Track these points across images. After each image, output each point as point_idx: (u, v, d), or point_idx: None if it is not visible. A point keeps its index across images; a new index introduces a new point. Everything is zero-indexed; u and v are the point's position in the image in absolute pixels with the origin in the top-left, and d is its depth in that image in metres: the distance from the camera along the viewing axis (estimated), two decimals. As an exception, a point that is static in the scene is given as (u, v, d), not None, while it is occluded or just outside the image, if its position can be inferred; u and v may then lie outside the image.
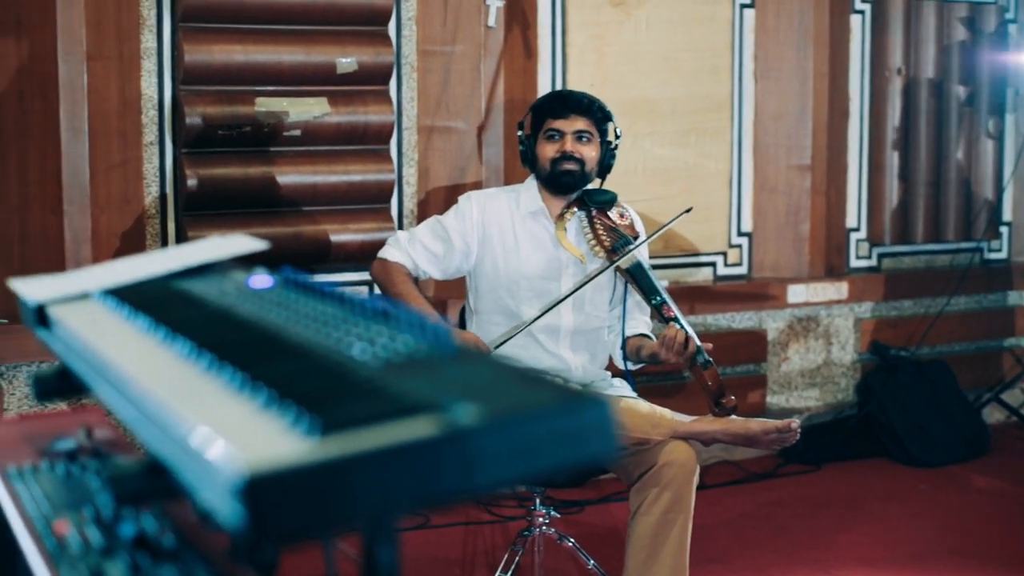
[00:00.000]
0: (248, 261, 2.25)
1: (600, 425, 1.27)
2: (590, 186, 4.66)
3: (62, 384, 1.97)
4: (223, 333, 1.67)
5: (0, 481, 1.94)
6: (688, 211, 4.62)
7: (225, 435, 1.22)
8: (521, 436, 1.23)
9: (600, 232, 4.51)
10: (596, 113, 4.58)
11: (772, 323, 6.76)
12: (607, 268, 4.44)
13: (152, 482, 1.42)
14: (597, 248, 4.49)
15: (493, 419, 1.22)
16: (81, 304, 2.03)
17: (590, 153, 4.55)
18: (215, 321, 1.78)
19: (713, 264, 6.62)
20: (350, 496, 1.16)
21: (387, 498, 1.18)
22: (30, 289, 2.11)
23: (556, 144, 4.52)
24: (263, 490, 1.13)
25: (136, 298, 1.96)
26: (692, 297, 6.44)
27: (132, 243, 5.23)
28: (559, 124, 4.53)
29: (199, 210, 5.28)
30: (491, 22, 5.89)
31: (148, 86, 5.26)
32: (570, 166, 4.51)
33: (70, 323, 1.88)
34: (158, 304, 1.90)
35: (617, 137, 4.68)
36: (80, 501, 1.80)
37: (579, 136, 4.52)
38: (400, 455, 1.18)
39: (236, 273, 2.14)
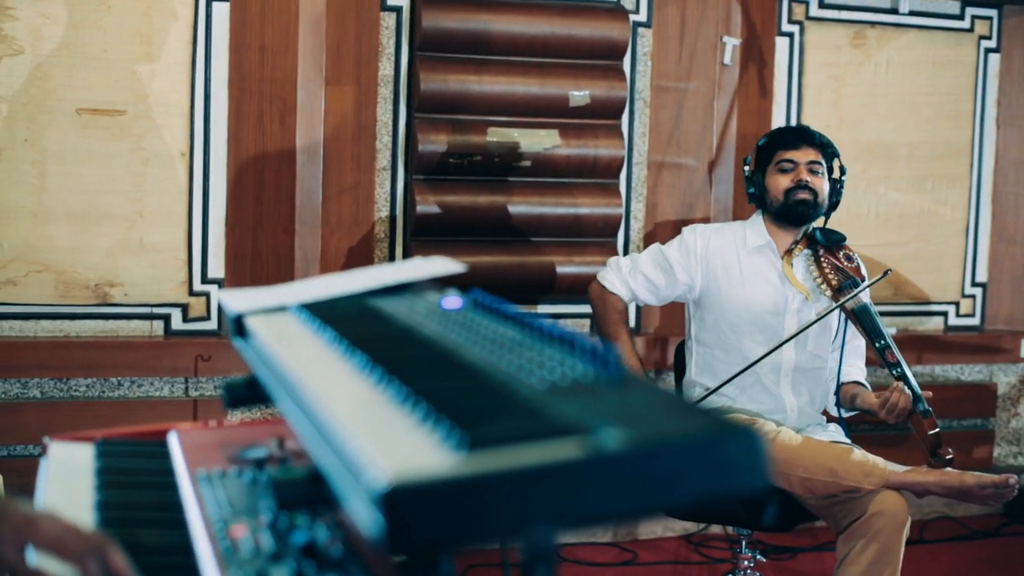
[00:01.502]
0: (452, 284, 2.28)
1: (749, 458, 1.26)
2: (817, 224, 4.61)
3: (251, 393, 2.02)
4: (400, 349, 1.70)
5: (189, 483, 2.00)
6: (887, 273, 4.52)
7: (375, 446, 1.24)
8: (666, 464, 1.22)
9: (827, 271, 4.45)
10: (826, 147, 4.55)
11: (1003, 377, 6.57)
12: (835, 308, 4.37)
13: (312, 490, 1.45)
14: (824, 286, 4.44)
15: (638, 445, 1.21)
16: (277, 316, 2.09)
17: (822, 185, 4.50)
18: (396, 338, 1.81)
19: (944, 313, 6.46)
20: (489, 512, 1.17)
21: (527, 517, 1.18)
22: (233, 300, 2.17)
23: (790, 175, 4.49)
24: (403, 500, 1.14)
25: (328, 313, 2.00)
26: (921, 346, 6.30)
27: (359, 265, 5.32)
28: (792, 155, 4.50)
29: (427, 235, 5.36)
30: (727, 60, 5.87)
31: (383, 112, 5.37)
32: (805, 195, 4.47)
33: (262, 333, 1.93)
34: (346, 319, 1.94)
35: (843, 173, 4.62)
36: (260, 507, 1.84)
37: (811, 167, 4.48)
38: (542, 475, 1.18)
39: (431, 294, 2.17)
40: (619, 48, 5.60)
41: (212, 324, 5.26)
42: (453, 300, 2.04)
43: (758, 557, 4.49)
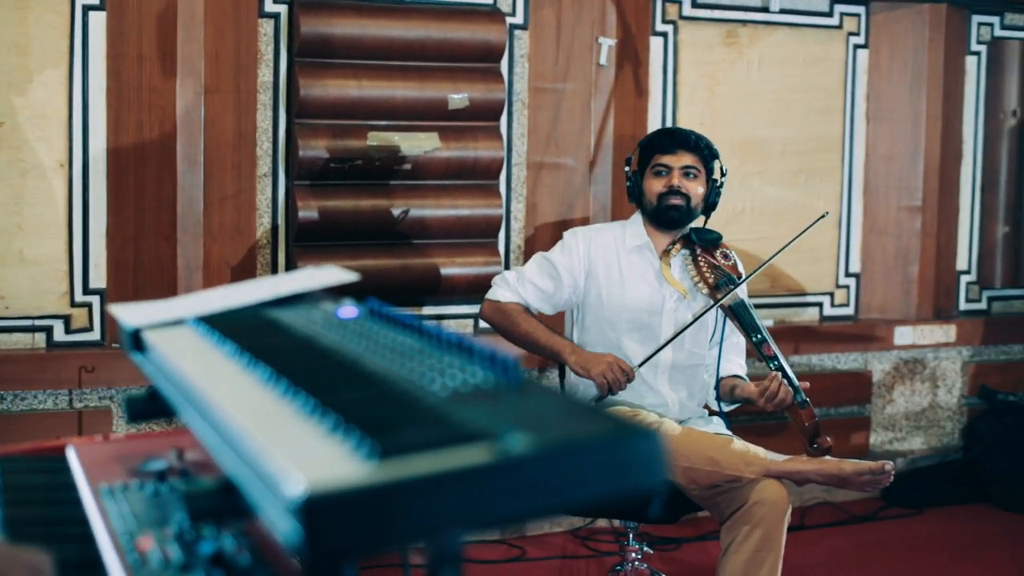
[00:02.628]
0: (344, 292, 2.32)
1: (648, 457, 1.31)
2: (695, 224, 4.69)
3: (152, 406, 2.05)
4: (303, 361, 1.74)
5: (92, 498, 2.02)
6: (824, 216, 4.63)
7: (289, 456, 1.28)
8: (570, 465, 1.27)
9: (704, 270, 4.53)
10: (703, 150, 4.61)
11: (878, 365, 6.73)
12: (713, 306, 4.45)
13: (225, 501, 1.48)
14: (701, 285, 4.52)
15: (543, 448, 1.26)
16: (174, 330, 2.11)
17: (696, 189, 4.57)
18: (297, 349, 1.84)
19: (820, 304, 6.61)
20: (404, 518, 1.21)
21: (440, 521, 1.23)
22: (128, 315, 2.19)
23: (663, 179, 4.56)
24: (320, 509, 1.18)
25: (226, 325, 2.03)
26: (797, 337, 6.43)
27: (243, 272, 5.33)
28: (667, 159, 4.57)
29: (310, 241, 5.37)
30: (603, 60, 5.94)
31: (263, 119, 5.37)
32: (676, 201, 4.55)
33: (162, 347, 1.96)
34: (246, 331, 1.97)
35: (723, 175, 4.70)
36: (165, 519, 1.86)
37: (686, 172, 4.55)
38: (453, 480, 1.23)
39: (326, 303, 2.20)
40: (496, 50, 5.64)
41: (95, 335, 5.22)
42: (349, 309, 2.07)
43: (645, 549, 4.57)
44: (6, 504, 2.05)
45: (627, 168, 4.74)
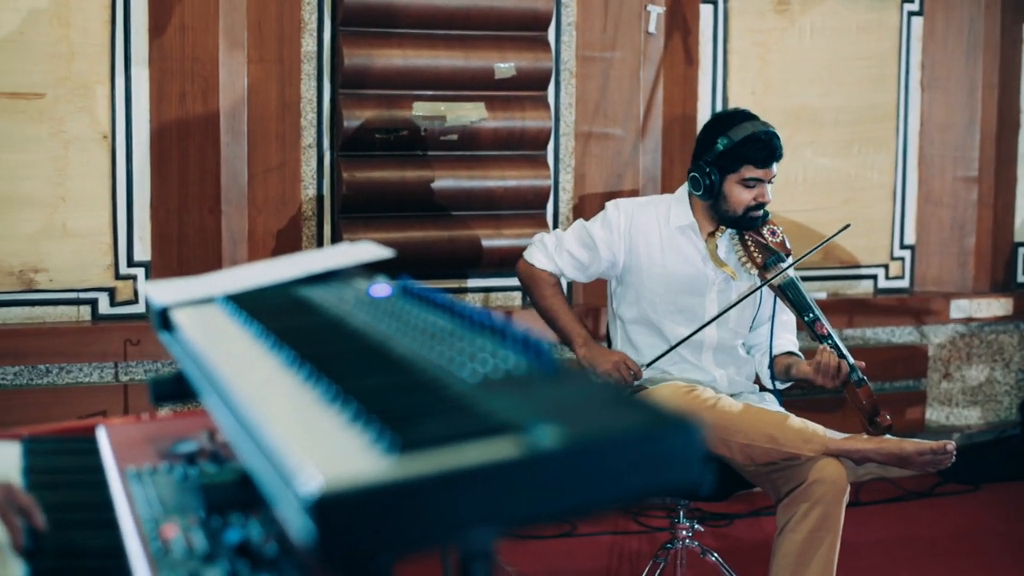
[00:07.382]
0: (385, 267, 2.25)
1: (686, 450, 1.24)
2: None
3: (178, 388, 1.99)
4: (328, 343, 1.67)
5: (119, 481, 1.97)
6: (847, 227, 4.52)
7: (305, 450, 1.22)
8: (603, 460, 1.20)
9: (752, 249, 4.42)
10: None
11: (934, 338, 6.61)
12: (762, 286, 4.35)
13: (242, 492, 1.42)
14: (749, 265, 4.41)
15: (575, 442, 1.19)
16: (203, 309, 2.05)
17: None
18: (324, 331, 1.78)
19: (874, 277, 6.49)
20: (424, 517, 1.14)
21: (462, 520, 1.16)
22: (158, 292, 2.13)
23: (753, 192, 4.40)
24: (335, 508, 1.11)
25: (254, 304, 1.97)
26: (851, 310, 6.32)
27: (288, 244, 5.29)
28: (760, 174, 4.38)
29: (354, 212, 5.32)
30: (651, 28, 5.84)
31: (307, 89, 5.31)
32: (760, 212, 4.43)
33: (186, 327, 1.90)
34: (274, 311, 1.91)
35: None
36: (191, 504, 1.81)
37: (771, 181, 4.43)
38: (477, 477, 1.16)
39: (359, 281, 2.14)
40: (543, 19, 5.57)
41: (140, 308, 5.20)
42: (382, 287, 2.01)
43: (696, 526, 4.50)
44: (30, 487, 2.00)
45: (708, 159, 4.41)
